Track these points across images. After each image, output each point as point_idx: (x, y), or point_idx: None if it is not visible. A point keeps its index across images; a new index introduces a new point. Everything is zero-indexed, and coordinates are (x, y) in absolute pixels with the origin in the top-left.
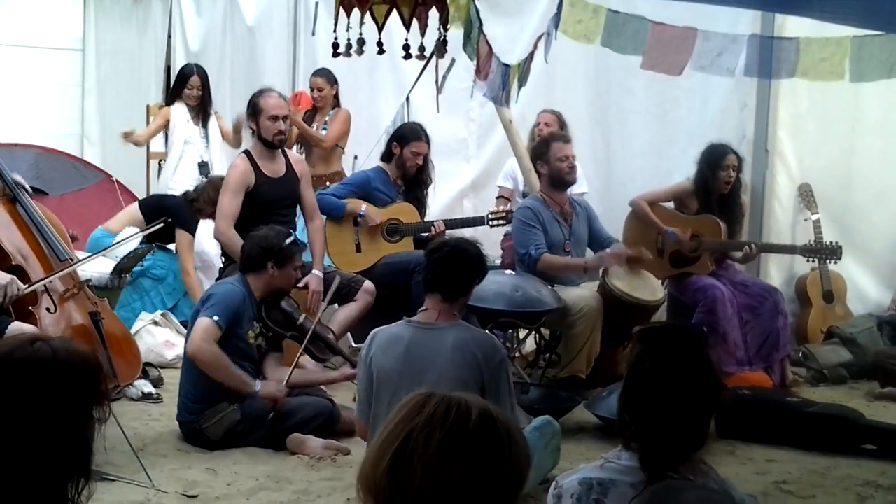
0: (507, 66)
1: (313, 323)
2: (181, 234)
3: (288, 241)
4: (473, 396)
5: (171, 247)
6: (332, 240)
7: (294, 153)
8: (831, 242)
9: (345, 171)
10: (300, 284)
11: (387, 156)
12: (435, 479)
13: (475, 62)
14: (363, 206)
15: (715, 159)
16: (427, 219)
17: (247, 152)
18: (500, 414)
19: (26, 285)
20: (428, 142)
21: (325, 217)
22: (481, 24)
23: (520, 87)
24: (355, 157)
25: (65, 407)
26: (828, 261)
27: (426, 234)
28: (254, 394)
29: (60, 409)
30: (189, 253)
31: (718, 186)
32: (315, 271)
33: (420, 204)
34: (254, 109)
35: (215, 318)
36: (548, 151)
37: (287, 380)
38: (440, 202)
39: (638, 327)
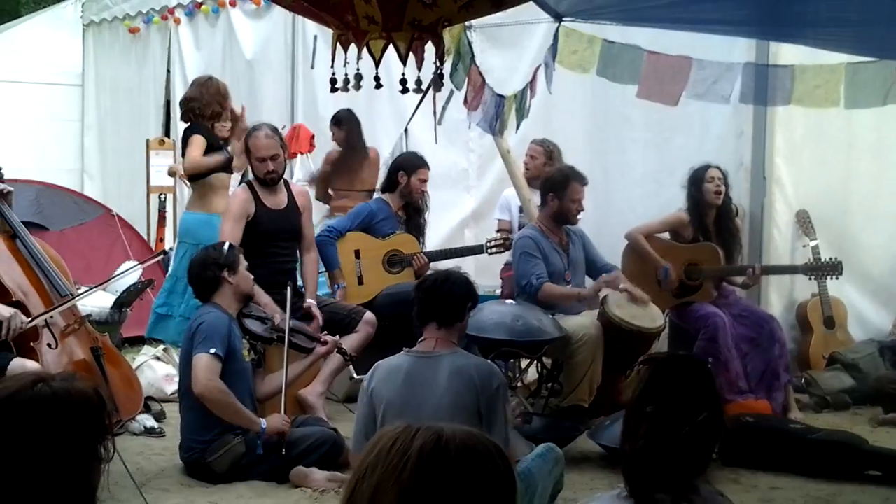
0: (501, 96)
1: (287, 318)
2: None
3: (225, 247)
4: (436, 425)
5: None
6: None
7: (297, 185)
8: (831, 258)
9: None
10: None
11: (390, 186)
12: None
13: (464, 93)
14: (342, 282)
15: (698, 177)
16: (427, 245)
17: (248, 183)
18: (462, 439)
19: (29, 319)
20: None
21: None
22: (473, 55)
23: (520, 118)
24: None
25: (68, 447)
26: (829, 277)
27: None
28: (260, 431)
29: (63, 449)
30: None
31: (709, 200)
32: (309, 300)
33: (420, 231)
34: (246, 149)
35: (212, 350)
36: (565, 188)
37: (285, 381)
38: (441, 232)
39: (643, 357)
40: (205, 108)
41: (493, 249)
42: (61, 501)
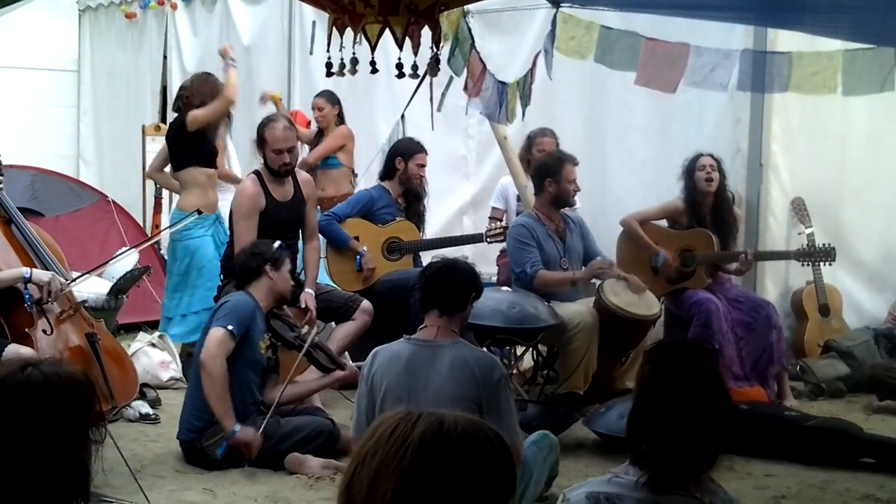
0: (503, 83)
1: (313, 334)
2: None
3: (275, 245)
4: (438, 412)
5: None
6: (333, 259)
7: (303, 173)
8: (825, 245)
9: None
10: (301, 305)
11: (388, 173)
12: (372, 499)
13: (464, 79)
14: (363, 248)
15: (690, 165)
16: (426, 234)
17: (257, 174)
18: (464, 427)
19: (67, 281)
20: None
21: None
22: (473, 40)
23: (525, 105)
24: (354, 175)
25: (60, 430)
26: (823, 263)
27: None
28: (229, 434)
29: (55, 432)
30: None
31: (701, 188)
32: (308, 290)
33: (420, 219)
34: (260, 140)
35: (229, 327)
36: (560, 171)
37: (277, 401)
38: (440, 219)
39: (650, 344)
40: (193, 98)
41: (492, 238)
42: (56, 482)
